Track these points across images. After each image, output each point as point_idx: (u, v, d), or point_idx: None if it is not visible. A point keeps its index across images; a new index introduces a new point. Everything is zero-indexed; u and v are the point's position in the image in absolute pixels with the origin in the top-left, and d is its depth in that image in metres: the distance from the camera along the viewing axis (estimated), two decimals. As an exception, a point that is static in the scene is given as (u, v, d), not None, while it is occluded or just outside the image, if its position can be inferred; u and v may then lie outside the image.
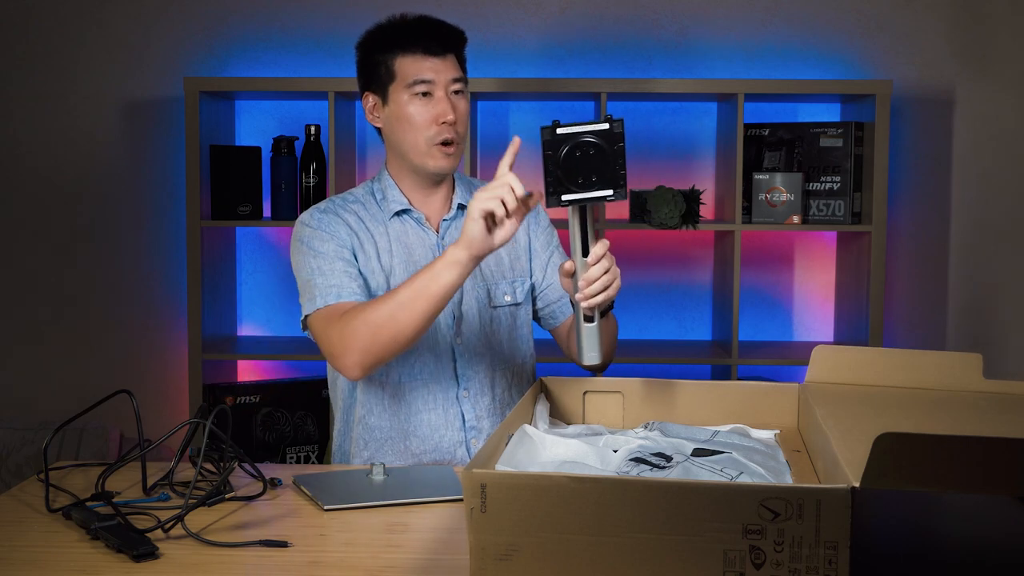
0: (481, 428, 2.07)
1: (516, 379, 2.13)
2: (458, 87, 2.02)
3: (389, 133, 2.05)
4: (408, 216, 2.08)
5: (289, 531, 1.59)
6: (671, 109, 3.40)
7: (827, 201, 3.19)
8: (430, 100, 1.99)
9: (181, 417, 3.38)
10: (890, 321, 3.38)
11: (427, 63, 1.99)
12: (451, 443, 2.06)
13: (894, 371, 1.82)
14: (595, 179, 1.65)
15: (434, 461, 2.05)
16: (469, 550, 1.30)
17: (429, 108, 1.99)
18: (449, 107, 1.99)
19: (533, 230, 2.17)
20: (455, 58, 2.03)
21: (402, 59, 2.00)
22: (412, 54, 1.99)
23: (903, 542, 1.48)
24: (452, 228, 2.10)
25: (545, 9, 3.38)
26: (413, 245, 2.07)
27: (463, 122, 2.03)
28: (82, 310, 3.46)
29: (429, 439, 2.06)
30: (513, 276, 2.12)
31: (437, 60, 2.00)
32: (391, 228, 2.07)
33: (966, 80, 3.35)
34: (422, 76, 1.99)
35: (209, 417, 1.71)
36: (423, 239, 2.08)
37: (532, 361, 2.18)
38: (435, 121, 1.99)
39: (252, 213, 3.22)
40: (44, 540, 1.56)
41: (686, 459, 1.54)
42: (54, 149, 3.43)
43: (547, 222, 2.20)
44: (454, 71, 2.01)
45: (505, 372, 2.11)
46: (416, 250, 2.06)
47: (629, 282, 3.43)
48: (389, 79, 2.01)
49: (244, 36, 3.39)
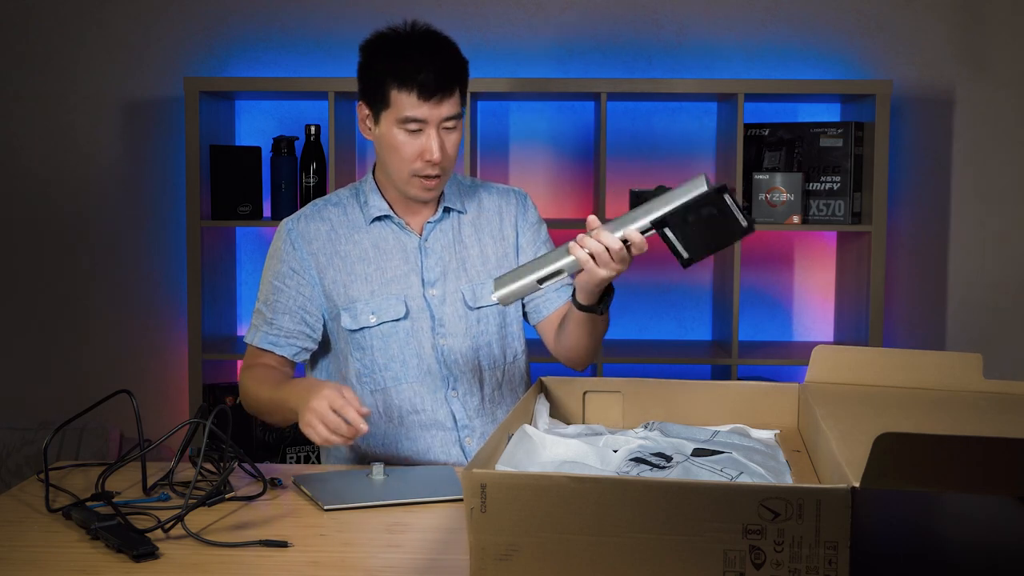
0: (473, 427, 2.07)
1: (507, 377, 2.13)
2: (451, 124, 1.97)
3: (377, 149, 2.05)
4: (389, 220, 2.08)
5: (289, 531, 1.59)
6: (671, 109, 3.40)
7: (827, 201, 3.19)
8: (419, 135, 1.95)
9: (181, 417, 3.38)
10: (890, 321, 3.38)
11: (421, 108, 1.93)
12: (444, 443, 2.06)
13: (894, 371, 1.82)
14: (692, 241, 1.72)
15: (429, 462, 2.05)
16: (469, 550, 1.30)
17: (417, 143, 1.96)
18: (437, 146, 1.94)
19: (521, 227, 2.16)
20: (453, 97, 1.96)
21: (397, 93, 1.94)
22: (408, 91, 1.93)
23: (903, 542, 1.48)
24: (437, 231, 2.09)
25: (545, 9, 3.37)
26: (392, 250, 2.06)
27: (450, 157, 1.99)
28: (82, 310, 3.46)
29: (421, 439, 2.06)
30: (499, 273, 2.12)
31: (433, 104, 1.94)
32: (370, 233, 2.07)
33: (966, 80, 3.35)
34: (415, 115, 1.94)
35: (209, 417, 1.71)
36: (403, 244, 2.07)
37: (524, 359, 2.18)
38: (420, 157, 1.96)
39: (252, 213, 3.22)
40: (44, 540, 1.56)
41: (686, 459, 1.54)
42: (54, 149, 3.43)
43: (535, 218, 2.18)
44: (449, 110, 1.95)
45: (495, 371, 2.11)
46: (394, 255, 2.06)
47: (629, 282, 3.43)
48: (383, 105, 1.97)
49: (244, 36, 3.39)
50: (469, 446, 2.07)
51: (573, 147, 3.41)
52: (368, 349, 2.04)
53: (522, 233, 2.15)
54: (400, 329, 2.04)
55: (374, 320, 2.03)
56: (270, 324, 2.07)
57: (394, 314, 2.03)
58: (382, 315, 2.03)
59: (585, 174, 3.40)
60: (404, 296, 2.04)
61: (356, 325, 2.03)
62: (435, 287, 2.05)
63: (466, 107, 2.04)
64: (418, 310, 2.05)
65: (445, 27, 2.06)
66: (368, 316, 2.03)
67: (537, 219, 2.19)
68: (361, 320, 2.03)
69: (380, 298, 2.04)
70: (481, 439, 2.07)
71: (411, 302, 2.04)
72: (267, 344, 2.07)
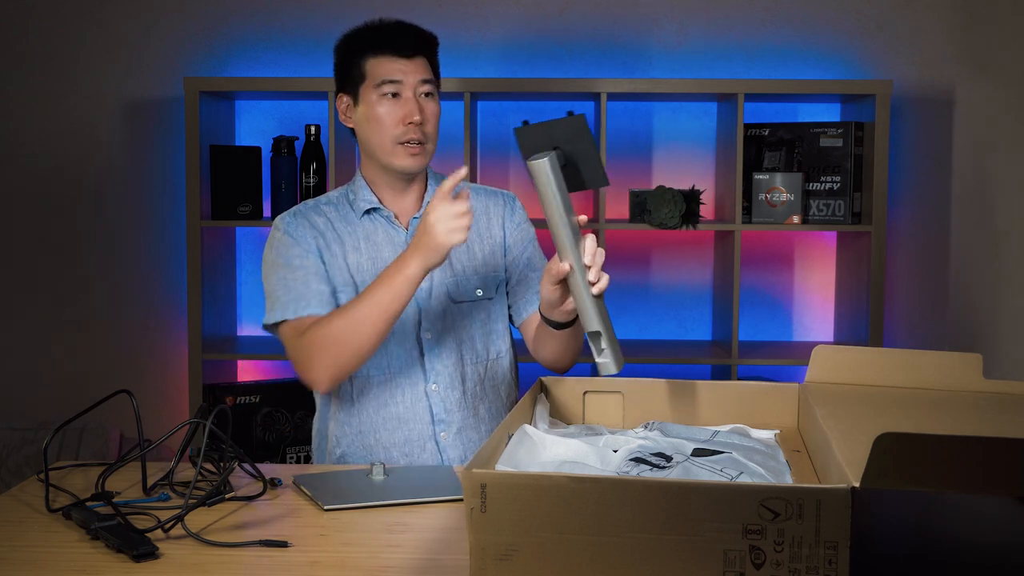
0: (451, 422, 2.08)
1: (489, 374, 2.14)
2: (427, 89, 2.05)
3: (360, 133, 2.09)
4: (378, 214, 2.10)
5: (289, 531, 1.59)
6: (671, 109, 3.40)
7: (827, 201, 3.19)
8: (398, 100, 2.03)
9: (181, 417, 3.38)
10: (890, 321, 3.38)
11: (396, 64, 2.03)
12: (420, 437, 2.07)
13: (894, 371, 1.82)
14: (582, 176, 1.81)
15: (403, 456, 2.06)
16: (469, 550, 1.30)
17: (397, 108, 2.03)
18: (416, 108, 2.02)
19: (508, 226, 2.17)
20: (425, 61, 2.06)
21: (373, 60, 2.04)
22: (382, 55, 2.03)
23: (903, 542, 1.48)
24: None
25: (545, 9, 3.37)
26: (382, 243, 2.09)
27: (431, 123, 2.06)
28: (82, 310, 3.46)
29: (397, 432, 2.07)
30: (486, 271, 2.13)
31: (406, 61, 2.03)
32: (361, 227, 2.10)
33: (966, 80, 3.35)
34: (390, 76, 2.02)
35: (209, 417, 1.71)
36: (391, 237, 2.10)
37: (509, 356, 2.18)
38: (402, 121, 2.02)
39: (252, 213, 3.22)
40: (44, 540, 1.56)
41: (686, 459, 1.54)
42: (54, 149, 3.43)
43: (522, 218, 2.20)
44: (423, 72, 2.04)
45: (477, 367, 2.12)
46: (384, 248, 2.09)
47: (629, 282, 3.43)
48: (360, 79, 2.05)
49: (244, 36, 3.39)
50: (444, 441, 2.07)
51: (573, 147, 3.41)
52: None
53: (509, 232, 2.17)
54: None
55: None
56: (301, 297, 2.00)
57: None
58: None
59: (585, 174, 3.40)
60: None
61: None
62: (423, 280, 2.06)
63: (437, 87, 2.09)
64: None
65: (445, 27, 2.09)
66: None
67: (525, 219, 2.20)
68: None
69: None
70: (458, 435, 2.08)
71: None
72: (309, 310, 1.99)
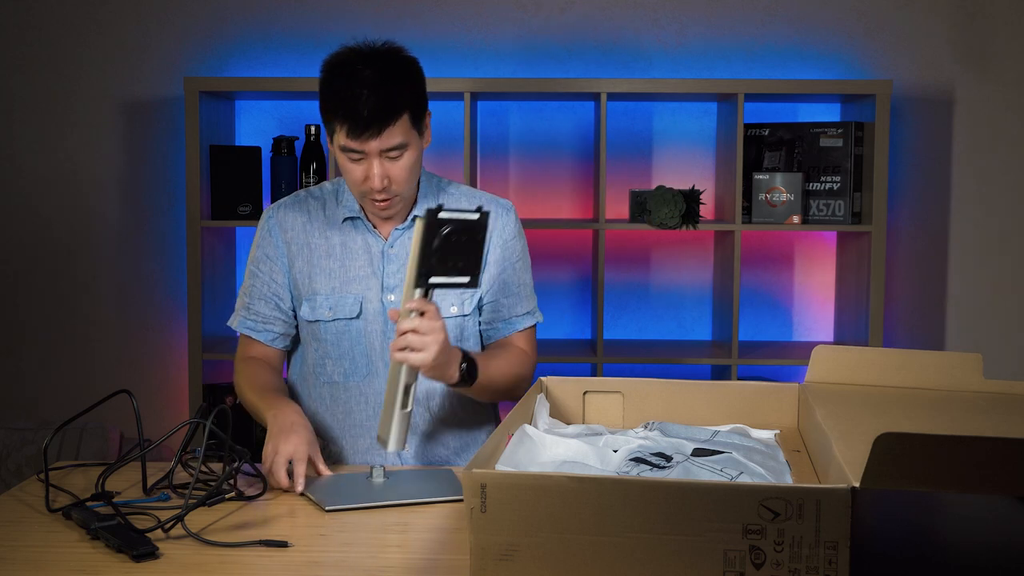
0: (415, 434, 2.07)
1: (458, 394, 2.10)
2: (394, 154, 1.94)
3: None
4: (360, 221, 2.09)
5: (289, 531, 1.59)
6: (671, 109, 3.40)
7: (827, 201, 3.19)
8: (362, 162, 1.95)
9: (181, 417, 3.38)
10: (890, 321, 3.38)
11: (358, 140, 1.91)
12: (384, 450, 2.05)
13: (894, 371, 1.82)
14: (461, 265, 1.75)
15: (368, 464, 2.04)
16: (469, 550, 1.30)
17: (361, 169, 1.95)
18: (379, 174, 1.93)
19: (494, 241, 2.11)
20: (394, 124, 1.91)
21: (338, 123, 1.92)
22: (342, 124, 1.91)
23: (903, 542, 1.48)
24: (404, 237, 2.07)
25: (545, 9, 3.37)
26: (358, 251, 2.08)
27: (400, 180, 1.96)
28: (82, 310, 3.46)
29: (361, 439, 2.08)
30: None
31: (364, 138, 1.91)
32: (341, 231, 2.09)
33: (966, 80, 3.35)
34: (351, 147, 1.93)
35: (209, 417, 1.71)
36: (369, 246, 2.08)
37: None
38: (365, 183, 1.96)
39: (252, 213, 3.22)
40: (44, 540, 1.56)
41: (686, 459, 1.54)
42: (54, 149, 3.43)
43: (512, 233, 2.13)
44: (387, 142, 1.92)
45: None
46: (359, 256, 2.07)
47: (629, 282, 3.43)
48: (329, 128, 1.97)
49: (244, 36, 3.39)
50: (406, 452, 2.07)
51: (573, 147, 3.41)
52: (323, 342, 2.08)
53: (493, 249, 2.11)
54: (353, 328, 2.06)
55: (329, 315, 2.07)
56: (248, 309, 2.14)
57: (349, 312, 2.06)
58: (338, 312, 2.06)
59: (585, 174, 3.40)
60: (362, 298, 2.06)
61: (313, 317, 2.08)
62: (394, 293, 2.07)
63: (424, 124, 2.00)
64: (373, 313, 2.06)
65: (445, 27, 2.06)
66: (325, 310, 2.07)
67: (514, 234, 2.14)
68: (318, 313, 2.07)
69: (339, 295, 2.07)
70: (420, 447, 2.08)
71: (367, 304, 2.06)
72: (245, 329, 2.13)
